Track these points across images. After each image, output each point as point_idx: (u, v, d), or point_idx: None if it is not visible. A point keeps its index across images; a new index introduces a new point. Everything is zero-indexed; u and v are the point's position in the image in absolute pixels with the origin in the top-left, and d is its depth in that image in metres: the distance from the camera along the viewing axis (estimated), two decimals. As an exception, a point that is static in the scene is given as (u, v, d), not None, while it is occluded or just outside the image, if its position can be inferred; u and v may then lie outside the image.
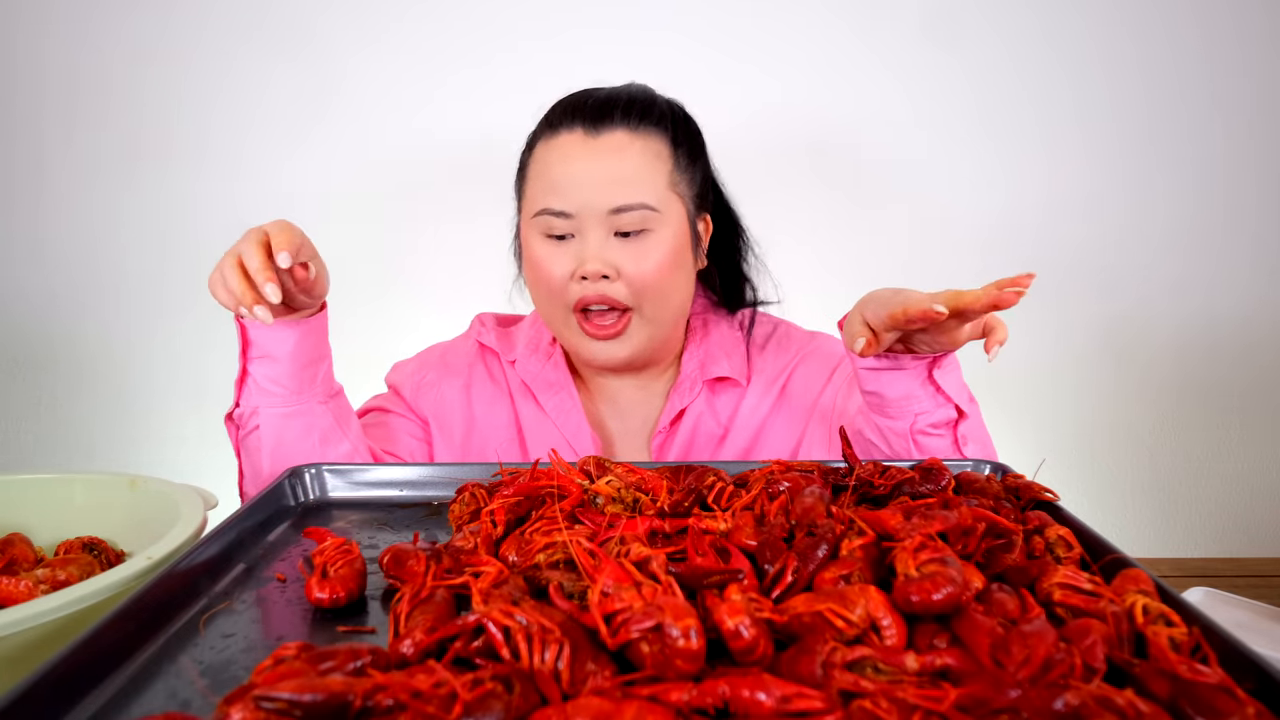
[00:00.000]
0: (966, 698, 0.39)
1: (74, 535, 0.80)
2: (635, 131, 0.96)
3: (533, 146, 1.01)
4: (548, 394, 1.07)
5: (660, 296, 0.97)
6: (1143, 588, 0.51)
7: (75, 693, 0.45)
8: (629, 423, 1.10)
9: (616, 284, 0.94)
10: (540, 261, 0.97)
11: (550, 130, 0.98)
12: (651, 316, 0.98)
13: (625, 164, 0.94)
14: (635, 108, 0.97)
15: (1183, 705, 0.40)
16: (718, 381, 1.08)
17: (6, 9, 1.57)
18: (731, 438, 1.07)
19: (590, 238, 0.94)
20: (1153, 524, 1.78)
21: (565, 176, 0.94)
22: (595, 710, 0.38)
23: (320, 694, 0.39)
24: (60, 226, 1.65)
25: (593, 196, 0.93)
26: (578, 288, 0.95)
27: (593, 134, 0.95)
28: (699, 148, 1.03)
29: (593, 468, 0.71)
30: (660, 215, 0.95)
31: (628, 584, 0.46)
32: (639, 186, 0.94)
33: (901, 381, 0.84)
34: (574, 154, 0.95)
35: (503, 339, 1.13)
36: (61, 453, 1.71)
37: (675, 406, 1.06)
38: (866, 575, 0.51)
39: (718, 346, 1.09)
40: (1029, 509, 0.67)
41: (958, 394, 0.84)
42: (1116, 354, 1.73)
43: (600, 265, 0.93)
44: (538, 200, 0.96)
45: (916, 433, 0.85)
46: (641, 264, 0.94)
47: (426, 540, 0.64)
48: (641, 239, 0.95)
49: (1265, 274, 1.70)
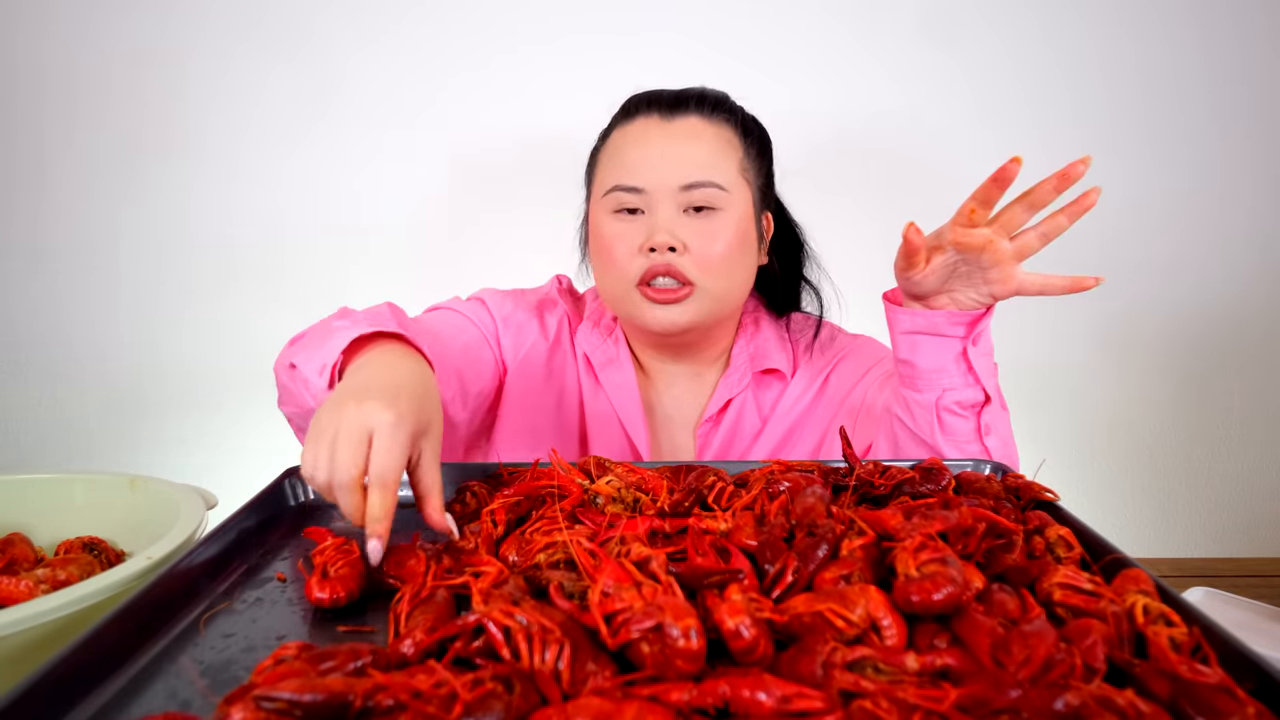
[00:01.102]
0: (967, 698, 0.39)
1: (74, 535, 0.80)
2: (709, 120, 1.00)
3: (606, 137, 1.04)
4: (607, 370, 1.09)
5: (723, 274, 0.98)
6: (1143, 588, 0.51)
7: (75, 693, 0.45)
8: (680, 409, 1.11)
9: (684, 258, 0.96)
10: (609, 236, 0.99)
11: (625, 119, 1.02)
12: (713, 292, 0.99)
13: (699, 146, 0.98)
14: (709, 100, 1.01)
15: (1183, 705, 0.40)
16: (764, 374, 1.10)
17: (6, 9, 1.57)
18: (769, 430, 1.09)
19: (660, 212, 0.96)
20: (1153, 524, 1.78)
21: (639, 155, 0.98)
22: (595, 710, 0.38)
23: (320, 694, 0.39)
24: (60, 226, 1.65)
25: (665, 173, 0.96)
26: (644, 260, 0.96)
27: (668, 119, 0.99)
28: (766, 146, 1.07)
29: (593, 468, 0.71)
30: (729, 196, 0.97)
31: (628, 584, 0.46)
32: (710, 167, 0.97)
33: (936, 352, 0.84)
34: (649, 135, 0.98)
35: (575, 303, 1.16)
36: (61, 453, 1.71)
37: (723, 396, 1.08)
38: (866, 575, 0.51)
39: (767, 341, 1.11)
40: (1029, 509, 0.67)
41: (987, 378, 0.85)
42: (1116, 354, 1.73)
43: (668, 237, 0.95)
44: (609, 179, 0.99)
45: (942, 408, 0.85)
46: (708, 241, 0.96)
47: (427, 539, 0.64)
48: (710, 216, 0.97)
49: (1265, 274, 1.69)
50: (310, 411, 0.77)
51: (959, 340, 0.84)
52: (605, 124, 1.07)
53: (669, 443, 1.11)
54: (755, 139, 1.04)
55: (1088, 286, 0.81)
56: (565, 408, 1.10)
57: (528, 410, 1.09)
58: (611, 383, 1.09)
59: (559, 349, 1.11)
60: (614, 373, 1.09)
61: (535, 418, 1.09)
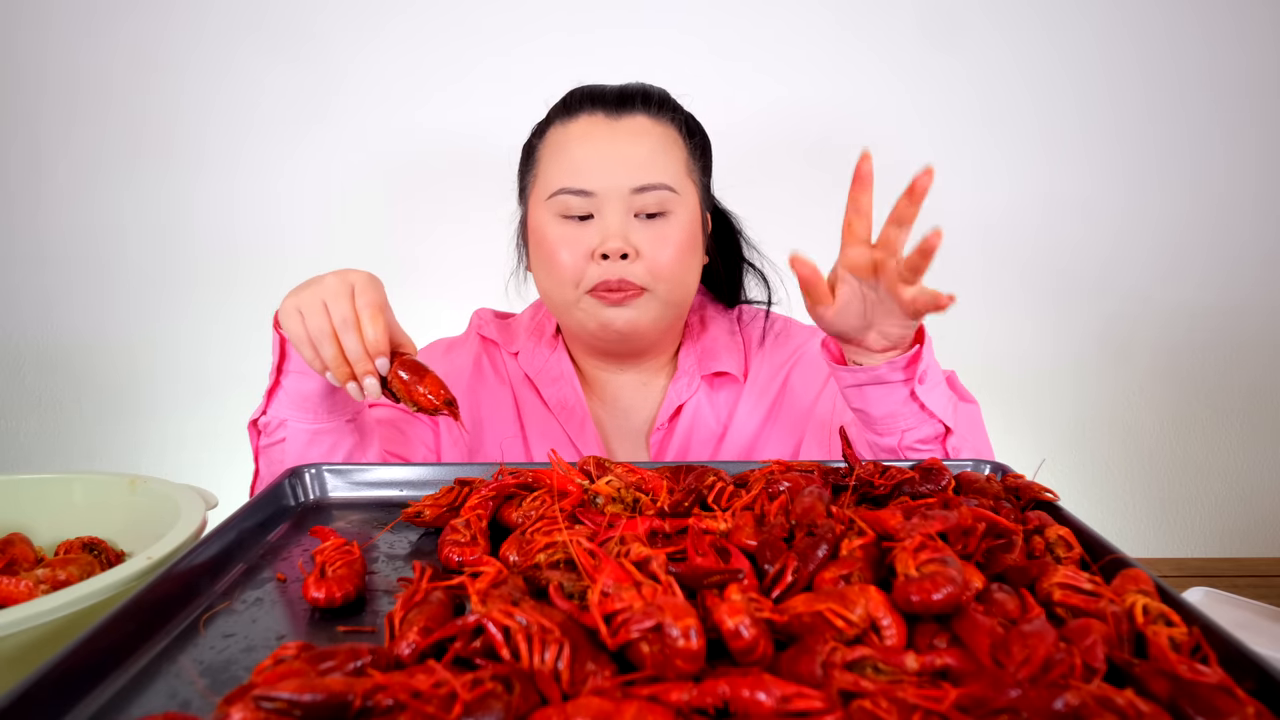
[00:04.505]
0: (966, 698, 0.39)
1: (74, 535, 0.80)
2: (655, 119, 0.98)
3: (543, 133, 1.01)
4: (550, 387, 1.07)
5: (674, 279, 0.97)
6: (1143, 588, 0.51)
7: (75, 693, 0.45)
8: (629, 419, 1.10)
9: (635, 265, 0.94)
10: (556, 242, 0.96)
11: (566, 115, 0.98)
12: (664, 297, 0.97)
13: (646, 146, 0.96)
14: (653, 99, 0.99)
15: (1183, 705, 0.40)
16: (716, 377, 1.08)
17: (6, 9, 1.57)
18: (730, 437, 1.07)
19: (611, 217, 0.94)
20: (1153, 524, 1.78)
21: (586, 156, 0.95)
22: (595, 710, 0.38)
23: (320, 694, 0.39)
24: (60, 226, 1.65)
25: (615, 175, 0.93)
26: (597, 270, 0.94)
27: (614, 117, 0.96)
28: (707, 144, 1.05)
29: (593, 468, 0.71)
30: (679, 198, 0.96)
31: (628, 584, 0.46)
32: (660, 168, 0.95)
33: (885, 399, 0.82)
34: (595, 135, 0.96)
35: (503, 331, 1.13)
36: (61, 453, 1.71)
37: (673, 402, 1.06)
38: (866, 575, 0.51)
39: (715, 342, 1.09)
40: (1029, 509, 0.67)
41: (943, 410, 0.83)
42: (1116, 354, 1.73)
43: (622, 244, 0.93)
44: (554, 181, 0.96)
45: (905, 448, 0.84)
46: (660, 246, 0.95)
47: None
48: (661, 221, 0.95)
49: (1265, 274, 1.69)
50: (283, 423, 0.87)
51: (903, 384, 0.81)
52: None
53: (623, 453, 1.09)
54: (698, 138, 1.02)
55: (942, 306, 0.72)
56: (506, 435, 1.07)
57: (473, 447, 1.07)
58: (557, 400, 1.07)
59: (487, 382, 1.09)
60: (558, 389, 1.07)
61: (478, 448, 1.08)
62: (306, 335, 0.75)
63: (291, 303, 0.77)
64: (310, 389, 0.84)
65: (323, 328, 0.75)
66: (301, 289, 0.77)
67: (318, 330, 0.75)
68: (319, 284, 0.77)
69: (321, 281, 0.77)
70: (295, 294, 0.77)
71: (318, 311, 0.75)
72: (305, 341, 0.76)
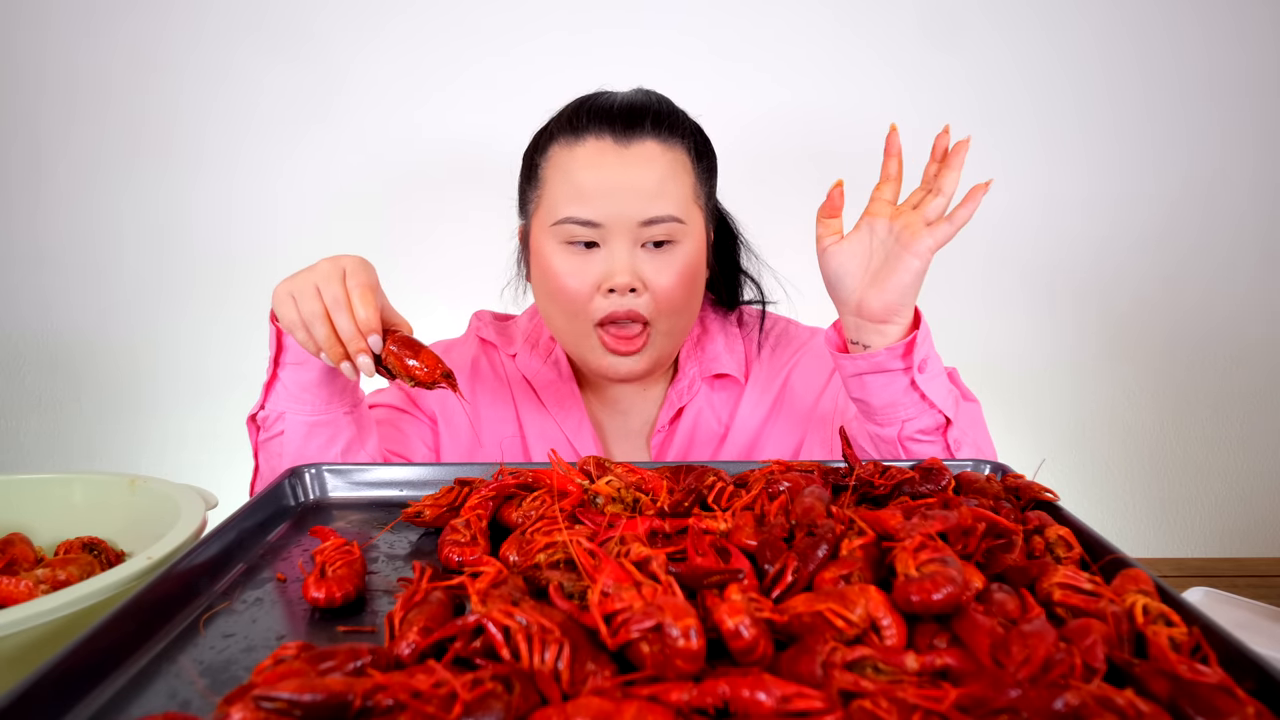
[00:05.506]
0: (966, 698, 0.39)
1: (74, 535, 0.80)
2: (665, 143, 0.94)
3: (546, 149, 0.97)
4: (549, 391, 1.07)
5: (680, 310, 0.97)
6: (1143, 588, 0.51)
7: (75, 693, 0.45)
8: (629, 421, 1.10)
9: (642, 297, 0.93)
10: (561, 274, 0.94)
11: (573, 134, 0.95)
12: (668, 330, 0.97)
13: (656, 175, 0.93)
14: (664, 119, 0.95)
15: (1183, 705, 0.40)
16: (717, 379, 1.08)
17: (6, 9, 1.57)
18: (731, 438, 1.07)
19: (618, 249, 0.92)
20: (1153, 524, 1.78)
21: (594, 185, 0.92)
22: (595, 710, 0.38)
23: (320, 694, 0.39)
24: (60, 226, 1.65)
25: (624, 207, 0.91)
26: (605, 303, 0.93)
27: (623, 143, 0.93)
28: (714, 161, 1.03)
29: (593, 468, 0.71)
30: (685, 227, 0.94)
31: (628, 584, 0.46)
32: (668, 198, 0.93)
33: (885, 388, 0.83)
34: (604, 162, 0.92)
35: (501, 333, 1.13)
36: (61, 453, 1.71)
37: (674, 405, 1.06)
38: (866, 575, 0.51)
39: (716, 344, 1.09)
40: (1029, 509, 0.67)
41: (943, 400, 0.83)
42: (1116, 354, 1.73)
43: (630, 278, 0.92)
44: (560, 208, 0.93)
45: (905, 439, 0.85)
46: (667, 277, 0.94)
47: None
48: (667, 251, 0.94)
49: (1265, 274, 1.69)
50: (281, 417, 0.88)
51: (902, 373, 0.82)
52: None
53: (623, 455, 1.09)
54: (706, 157, 1.00)
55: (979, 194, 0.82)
56: (505, 435, 1.07)
57: (472, 450, 1.07)
58: (556, 404, 1.07)
59: (486, 383, 1.09)
60: (556, 393, 1.07)
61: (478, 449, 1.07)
62: (300, 318, 0.77)
63: (285, 288, 0.79)
64: (308, 379, 0.85)
65: (315, 310, 0.77)
66: (294, 275, 0.80)
67: (310, 313, 0.77)
68: (311, 269, 0.79)
69: (314, 267, 0.79)
70: (288, 280, 0.80)
71: (310, 295, 0.77)
72: (299, 325, 0.78)
